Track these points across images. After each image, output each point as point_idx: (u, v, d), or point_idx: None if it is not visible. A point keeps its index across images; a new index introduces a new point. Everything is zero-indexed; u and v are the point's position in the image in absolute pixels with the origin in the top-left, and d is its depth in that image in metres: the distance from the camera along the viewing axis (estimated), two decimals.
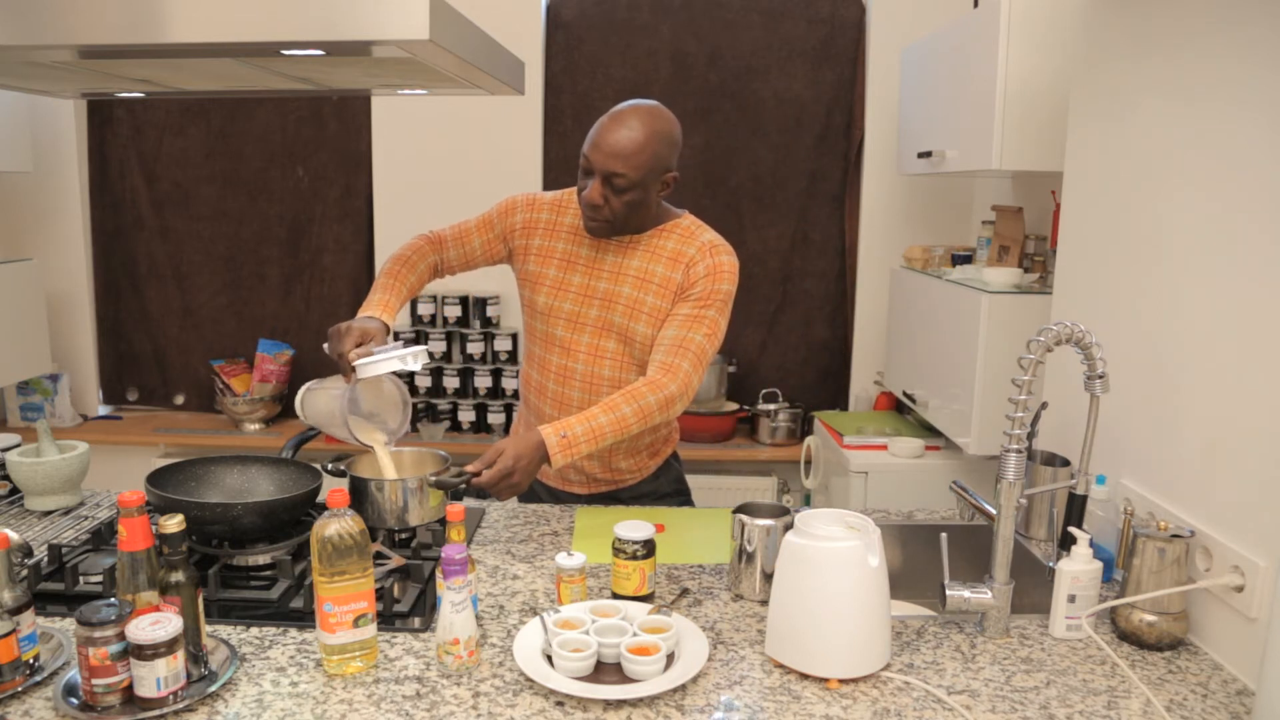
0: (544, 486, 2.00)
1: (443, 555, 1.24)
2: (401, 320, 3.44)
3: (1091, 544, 1.42)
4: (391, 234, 3.39)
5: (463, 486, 1.61)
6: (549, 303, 1.85)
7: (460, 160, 3.34)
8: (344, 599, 1.23)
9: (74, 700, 1.15)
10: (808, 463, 3.17)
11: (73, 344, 3.51)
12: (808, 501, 3.24)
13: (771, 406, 3.34)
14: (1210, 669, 1.33)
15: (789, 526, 1.36)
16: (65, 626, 1.35)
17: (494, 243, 1.91)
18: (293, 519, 1.64)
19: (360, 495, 1.68)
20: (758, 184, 3.38)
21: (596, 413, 1.65)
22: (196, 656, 1.22)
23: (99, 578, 1.48)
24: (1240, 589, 1.31)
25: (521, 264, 1.89)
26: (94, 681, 1.13)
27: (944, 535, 1.44)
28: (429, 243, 1.91)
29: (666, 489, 2.00)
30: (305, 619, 1.39)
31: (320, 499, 1.76)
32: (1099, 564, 1.41)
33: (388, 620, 1.39)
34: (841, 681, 1.25)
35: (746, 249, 3.35)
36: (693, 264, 1.78)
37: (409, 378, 3.34)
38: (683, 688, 1.23)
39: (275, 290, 3.51)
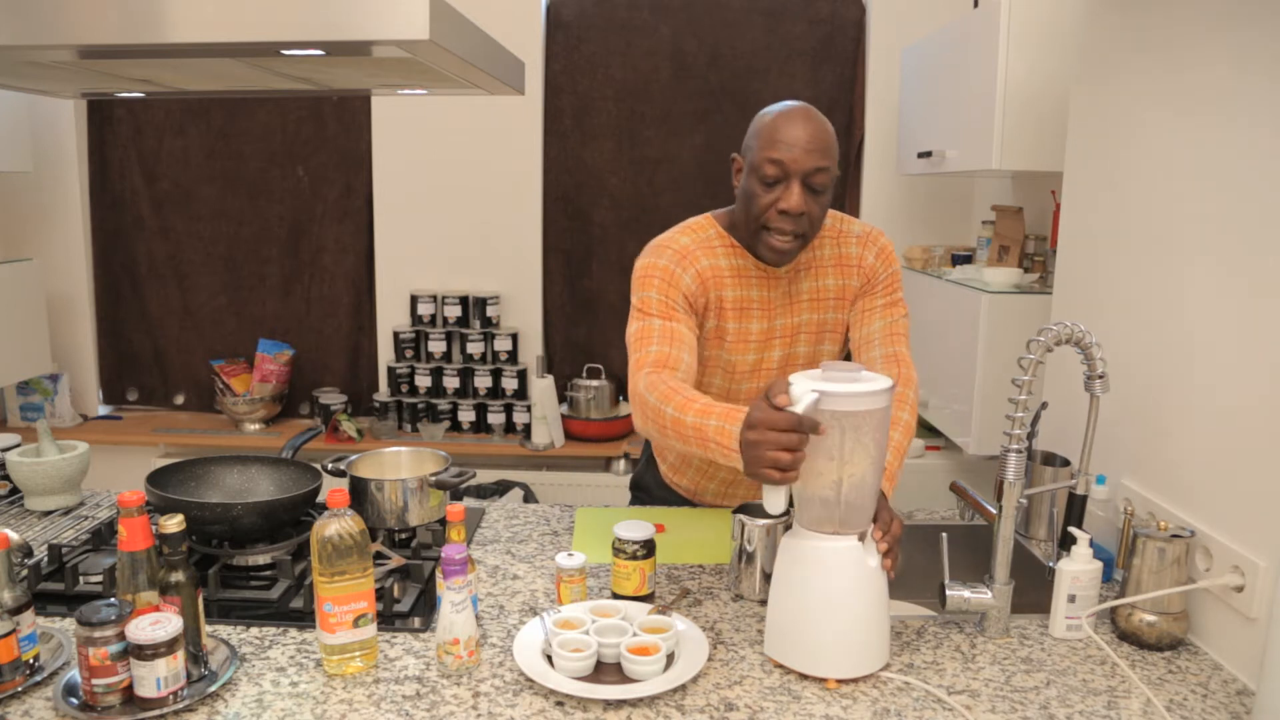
0: (689, 504, 1.91)
1: (443, 555, 1.24)
2: (402, 320, 3.45)
3: (1091, 544, 1.42)
4: (391, 234, 3.40)
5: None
6: (730, 358, 1.67)
7: (460, 160, 3.34)
8: (344, 599, 1.23)
9: (74, 700, 1.15)
10: None
11: (73, 344, 3.51)
12: None
13: None
14: (1210, 669, 1.33)
15: (789, 526, 1.36)
16: (65, 626, 1.35)
17: (695, 324, 1.64)
18: (293, 519, 1.64)
19: (360, 495, 1.68)
20: None
21: (891, 436, 1.49)
22: (196, 656, 1.22)
23: (99, 578, 1.48)
24: (1240, 589, 1.31)
25: (702, 321, 1.66)
26: (94, 681, 1.13)
27: (944, 535, 1.45)
28: (667, 371, 1.51)
29: None
30: (305, 619, 1.39)
31: (320, 499, 1.76)
32: (1099, 564, 1.41)
33: (388, 620, 1.39)
34: (841, 681, 1.25)
35: None
36: (861, 261, 1.68)
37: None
38: (683, 688, 1.23)
39: (275, 290, 3.51)
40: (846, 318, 1.71)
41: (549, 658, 1.26)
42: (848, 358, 1.76)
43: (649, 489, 1.97)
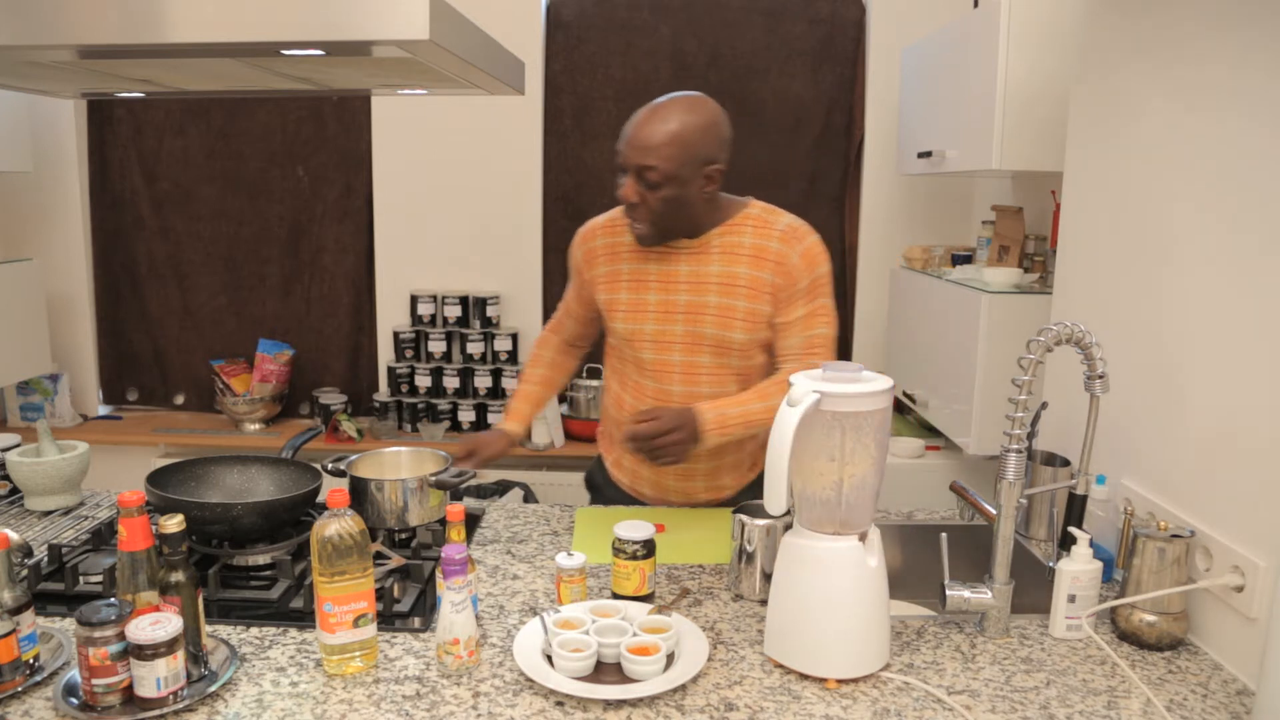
0: (638, 503, 1.94)
1: (443, 555, 1.24)
2: (402, 320, 3.45)
3: (1091, 544, 1.42)
4: (392, 234, 3.40)
5: (470, 479, 1.60)
6: (628, 327, 1.77)
7: (460, 160, 3.34)
8: (344, 599, 1.23)
9: (74, 700, 1.15)
10: None
11: (73, 344, 3.51)
12: None
13: None
14: (1210, 669, 1.33)
15: (789, 526, 1.36)
16: (65, 626, 1.35)
17: (587, 295, 1.86)
18: (293, 519, 1.64)
19: (360, 495, 1.68)
20: (757, 184, 3.37)
21: (750, 398, 1.64)
22: (196, 656, 1.22)
23: (99, 578, 1.48)
24: (1240, 589, 1.31)
25: (593, 295, 1.83)
26: (94, 681, 1.13)
27: (944, 535, 1.45)
28: (551, 331, 1.98)
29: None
30: (305, 619, 1.39)
31: (320, 499, 1.76)
32: (1099, 564, 1.41)
33: (388, 620, 1.39)
34: (841, 681, 1.26)
35: None
36: (782, 260, 1.68)
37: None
38: (683, 688, 1.23)
39: (275, 290, 3.51)
40: (761, 309, 1.70)
41: (549, 658, 1.26)
42: None
43: (600, 488, 2.01)
